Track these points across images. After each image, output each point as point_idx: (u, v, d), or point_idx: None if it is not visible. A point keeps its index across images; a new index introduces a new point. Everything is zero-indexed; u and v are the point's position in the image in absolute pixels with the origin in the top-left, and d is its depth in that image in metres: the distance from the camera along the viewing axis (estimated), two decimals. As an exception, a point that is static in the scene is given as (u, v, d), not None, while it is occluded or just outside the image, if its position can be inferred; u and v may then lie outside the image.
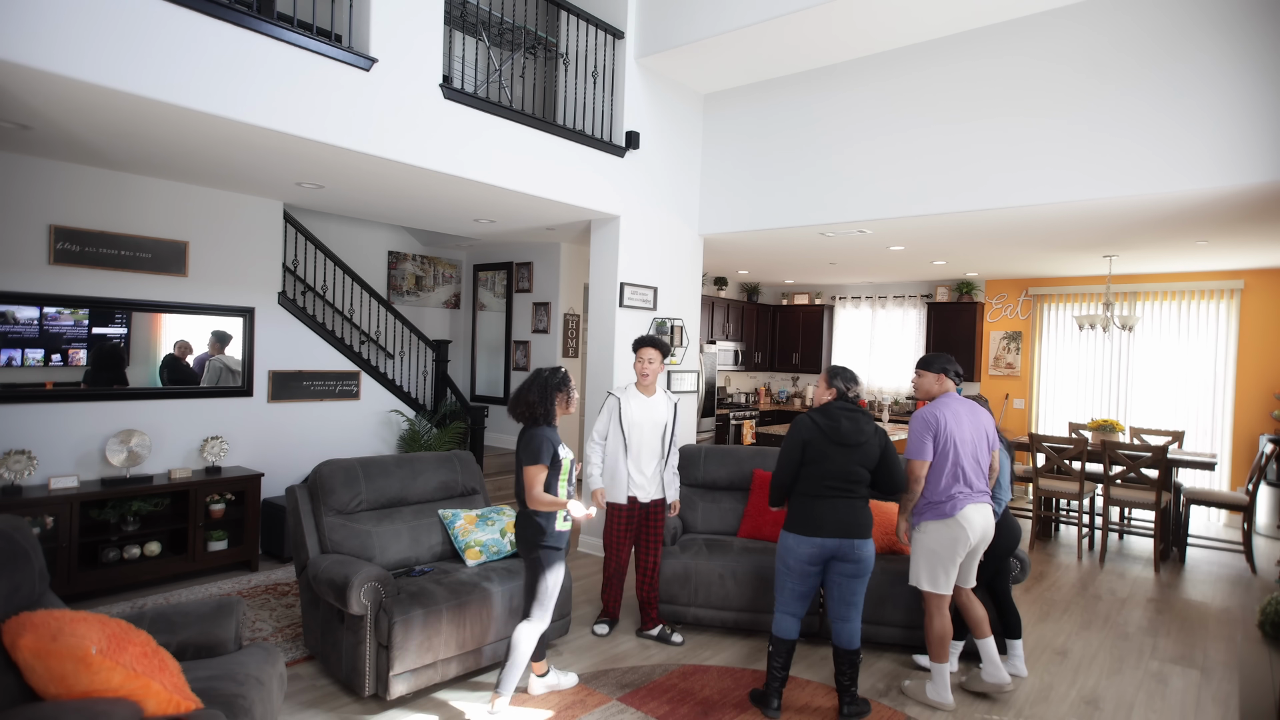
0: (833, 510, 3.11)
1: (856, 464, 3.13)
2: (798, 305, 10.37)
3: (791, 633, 3.24)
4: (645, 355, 3.94)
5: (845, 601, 3.20)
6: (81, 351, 4.54)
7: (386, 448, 6.19)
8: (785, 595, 3.23)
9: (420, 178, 4.50)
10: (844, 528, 3.10)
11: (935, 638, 3.35)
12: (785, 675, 3.26)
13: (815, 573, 3.18)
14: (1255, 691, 2.00)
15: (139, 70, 3.06)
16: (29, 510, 4.11)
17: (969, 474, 3.30)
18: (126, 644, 2.08)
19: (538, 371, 3.20)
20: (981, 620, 3.47)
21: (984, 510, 3.33)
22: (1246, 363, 7.15)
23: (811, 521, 3.11)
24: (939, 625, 3.34)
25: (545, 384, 3.13)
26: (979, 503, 3.31)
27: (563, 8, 5.14)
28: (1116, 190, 4.24)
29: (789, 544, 3.18)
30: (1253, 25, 3.82)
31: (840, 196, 5.31)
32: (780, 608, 3.25)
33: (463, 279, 8.12)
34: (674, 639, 4.01)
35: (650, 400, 4.01)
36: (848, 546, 3.11)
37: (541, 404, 3.10)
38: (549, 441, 3.08)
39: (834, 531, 3.09)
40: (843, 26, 4.75)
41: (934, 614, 3.36)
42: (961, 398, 3.46)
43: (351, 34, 3.93)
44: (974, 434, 3.35)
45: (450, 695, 3.37)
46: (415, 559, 3.78)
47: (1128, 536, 6.76)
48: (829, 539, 3.10)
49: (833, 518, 3.10)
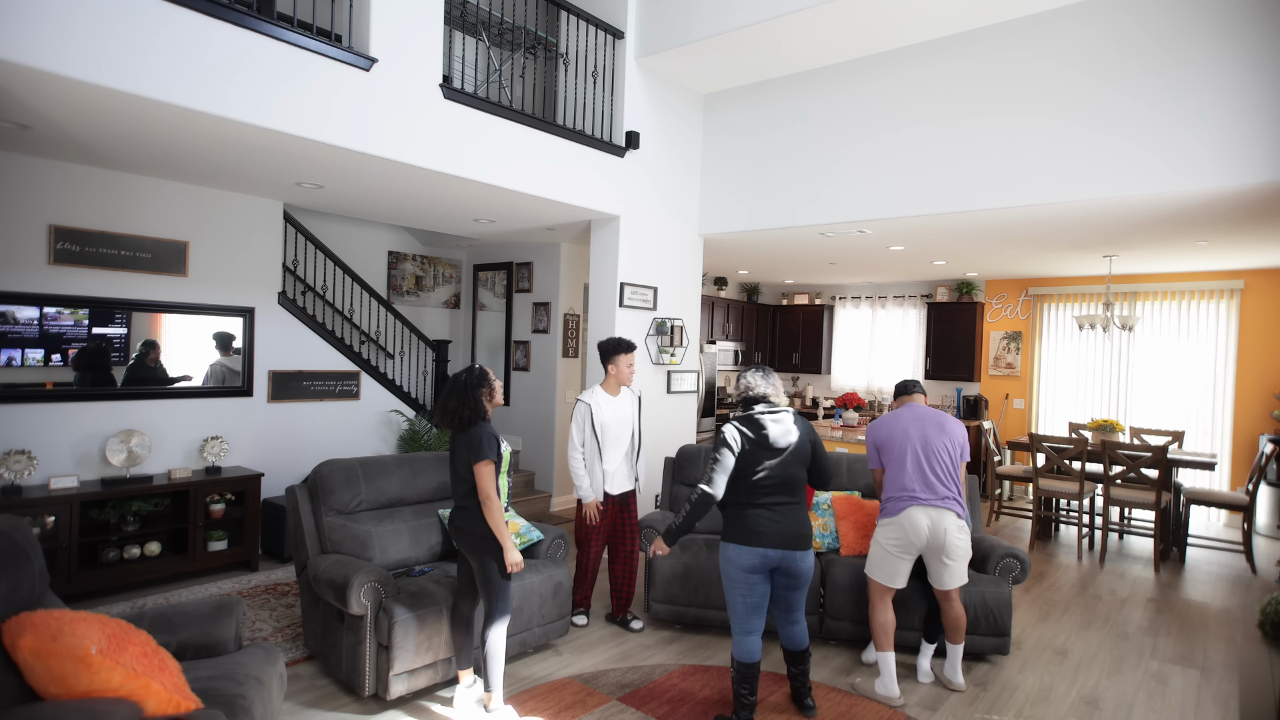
0: (772, 519, 2.98)
1: (792, 465, 3.02)
2: (798, 305, 10.37)
3: (754, 654, 3.03)
4: (631, 360, 4.10)
5: (789, 609, 3.15)
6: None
7: (386, 448, 6.19)
8: (738, 611, 3.02)
9: (420, 178, 4.49)
10: (785, 539, 2.97)
11: (875, 626, 3.45)
12: (755, 701, 3.06)
13: (761, 579, 3.01)
14: (1255, 691, 2.00)
15: (139, 70, 3.06)
16: (29, 510, 4.11)
17: (912, 479, 3.39)
18: (126, 644, 2.08)
19: (454, 376, 3.13)
20: (960, 626, 3.51)
21: (932, 513, 3.36)
22: (1246, 363, 7.15)
23: (751, 531, 2.97)
24: (880, 616, 3.44)
25: (464, 386, 3.07)
26: (927, 505, 3.36)
27: (563, 8, 5.14)
28: (1116, 190, 4.24)
29: (729, 554, 3.01)
30: (1253, 25, 3.82)
31: (840, 196, 5.31)
32: (737, 627, 3.03)
33: (463, 279, 8.12)
34: (633, 625, 4.17)
35: (617, 399, 4.14)
36: (790, 559, 2.99)
37: (464, 406, 3.04)
38: (491, 436, 3.02)
39: (776, 542, 2.96)
40: (843, 26, 4.75)
41: (875, 604, 3.47)
42: (915, 407, 3.59)
43: (351, 34, 3.92)
44: (925, 443, 3.43)
45: (450, 695, 3.36)
46: (415, 559, 3.79)
47: (1128, 536, 6.76)
48: (771, 550, 2.96)
49: (773, 528, 2.97)
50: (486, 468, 2.97)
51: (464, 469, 3.03)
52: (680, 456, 4.73)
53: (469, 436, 3.02)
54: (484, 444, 2.98)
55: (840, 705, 3.38)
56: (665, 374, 5.97)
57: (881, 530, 3.49)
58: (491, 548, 3.02)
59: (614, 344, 4.10)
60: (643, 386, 5.77)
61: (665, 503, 4.71)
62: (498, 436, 3.08)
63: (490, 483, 2.97)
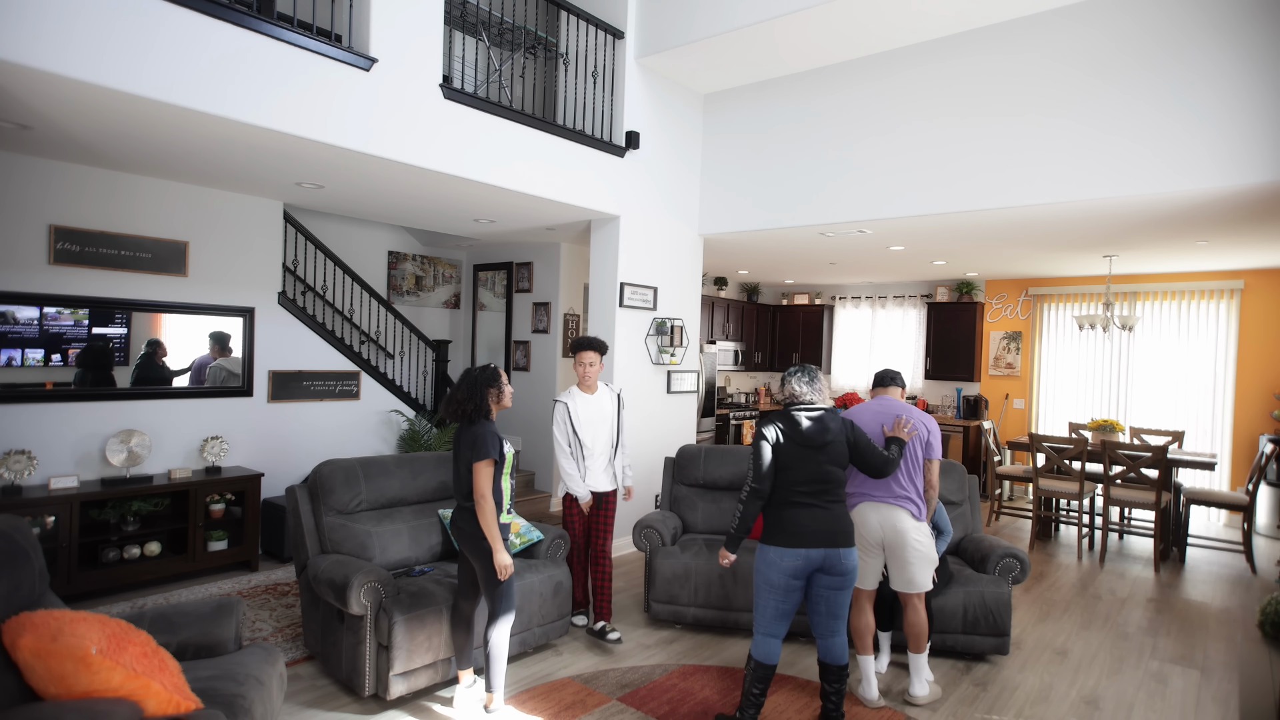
0: (813, 519, 2.92)
1: (827, 464, 2.96)
2: (798, 305, 10.37)
3: (773, 657, 2.99)
4: (585, 359, 4.03)
5: (832, 615, 3.01)
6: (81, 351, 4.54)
7: (387, 447, 6.19)
8: (766, 615, 2.98)
9: (420, 178, 4.50)
10: (828, 536, 2.91)
11: (852, 629, 3.44)
12: (762, 702, 3.03)
13: (799, 587, 2.95)
14: (1255, 691, 2.00)
15: (139, 70, 3.06)
16: (29, 510, 4.11)
17: (861, 477, 3.40)
18: (126, 644, 2.08)
19: (467, 370, 3.15)
20: (917, 634, 3.41)
21: (881, 510, 3.36)
22: (1246, 363, 7.15)
23: (792, 532, 2.91)
24: (856, 619, 3.44)
25: (474, 381, 3.08)
26: (877, 502, 3.37)
27: (563, 8, 5.14)
28: (1116, 190, 4.24)
29: (770, 558, 2.94)
30: (1253, 25, 3.82)
31: (840, 196, 5.31)
32: (760, 629, 3.00)
33: (463, 279, 8.12)
34: (609, 635, 3.97)
35: (594, 397, 4.12)
36: (834, 557, 2.92)
37: (471, 400, 3.04)
38: (494, 435, 3.01)
39: (818, 541, 2.90)
40: (843, 26, 4.75)
41: (850, 606, 3.36)
42: (881, 400, 3.54)
43: (351, 34, 3.93)
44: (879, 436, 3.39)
45: (450, 695, 3.36)
46: (415, 559, 3.78)
47: (1128, 536, 6.76)
48: (814, 549, 2.90)
49: (814, 527, 2.91)
50: (486, 467, 2.96)
51: (466, 468, 3.02)
52: (680, 456, 4.73)
53: (471, 434, 3.00)
54: (487, 442, 2.96)
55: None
56: (665, 374, 5.97)
57: None
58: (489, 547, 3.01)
59: (575, 341, 4.09)
60: (642, 386, 5.77)
61: (665, 503, 4.71)
62: (501, 437, 3.08)
63: (486, 482, 2.95)
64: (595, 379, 4.09)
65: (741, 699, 3.05)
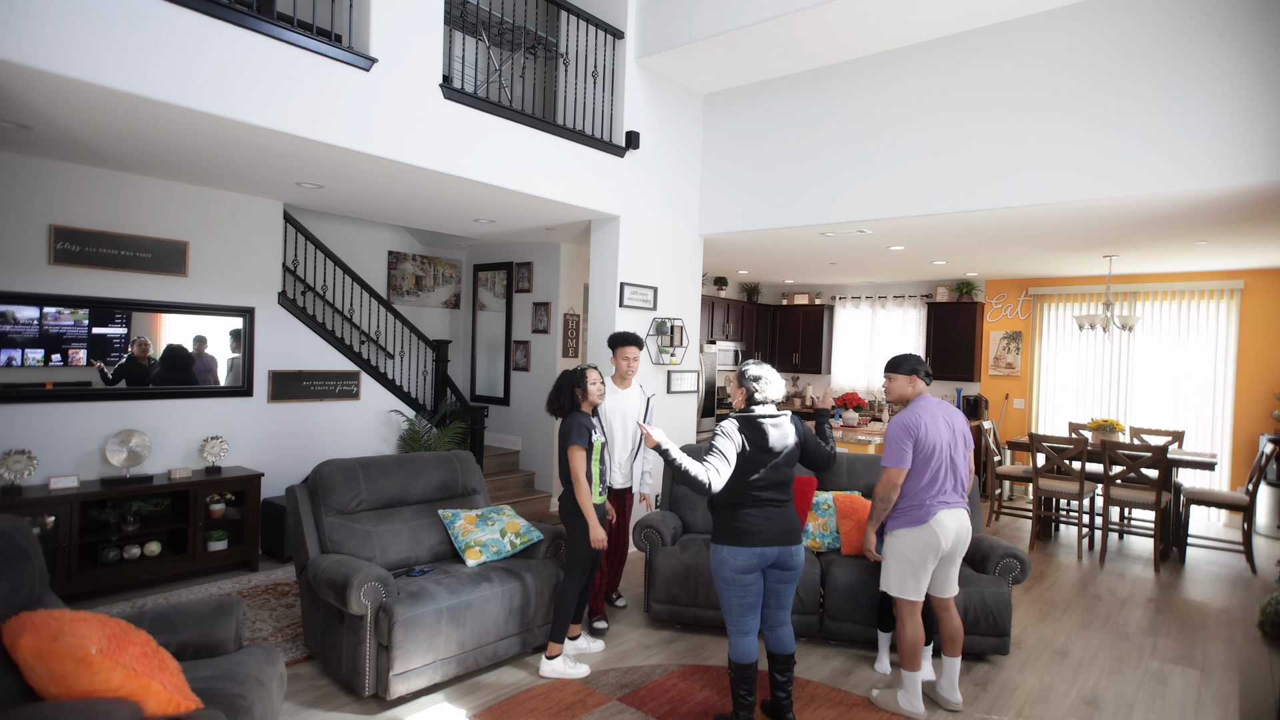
0: (767, 518, 2.96)
1: (784, 466, 3.00)
2: (798, 305, 10.37)
3: (751, 654, 3.00)
4: (629, 353, 4.18)
5: (779, 606, 3.09)
6: (81, 351, 4.53)
7: (387, 447, 6.19)
8: (734, 611, 3.00)
9: (420, 178, 4.49)
10: (783, 535, 2.96)
11: (907, 645, 3.27)
12: (754, 701, 3.04)
13: (756, 579, 2.98)
14: (1255, 691, 2.00)
15: (139, 70, 3.06)
16: (29, 510, 4.11)
17: (944, 480, 3.24)
18: (126, 644, 2.08)
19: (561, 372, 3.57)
20: (955, 637, 3.39)
21: (959, 515, 3.26)
22: (1246, 363, 7.15)
23: (747, 532, 2.94)
24: (910, 632, 3.26)
25: (561, 381, 3.62)
26: (954, 508, 3.25)
27: (563, 8, 5.14)
28: (1116, 190, 4.24)
29: (723, 557, 2.96)
30: (1253, 25, 3.82)
31: (840, 196, 5.31)
32: (732, 628, 3.02)
33: (463, 279, 8.12)
34: (596, 624, 4.09)
35: (626, 392, 4.23)
36: (787, 554, 2.98)
37: (558, 398, 3.59)
38: (578, 425, 3.48)
39: (773, 540, 2.95)
40: (843, 26, 4.75)
41: (905, 620, 3.29)
42: (937, 400, 3.40)
43: (351, 34, 3.93)
44: (951, 438, 3.29)
45: (450, 695, 3.36)
46: (415, 559, 3.79)
47: (1128, 536, 6.76)
48: (768, 548, 2.94)
49: (770, 526, 2.95)
50: (575, 452, 3.46)
51: (561, 455, 3.54)
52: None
53: (565, 426, 3.52)
54: (573, 431, 3.48)
55: (839, 706, 3.38)
56: (665, 374, 5.97)
57: (902, 540, 3.27)
58: (570, 518, 3.53)
59: (616, 337, 4.23)
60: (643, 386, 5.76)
61: (665, 503, 4.71)
62: (590, 428, 3.50)
63: (579, 465, 3.46)
64: (633, 375, 4.23)
65: (734, 704, 3.06)
